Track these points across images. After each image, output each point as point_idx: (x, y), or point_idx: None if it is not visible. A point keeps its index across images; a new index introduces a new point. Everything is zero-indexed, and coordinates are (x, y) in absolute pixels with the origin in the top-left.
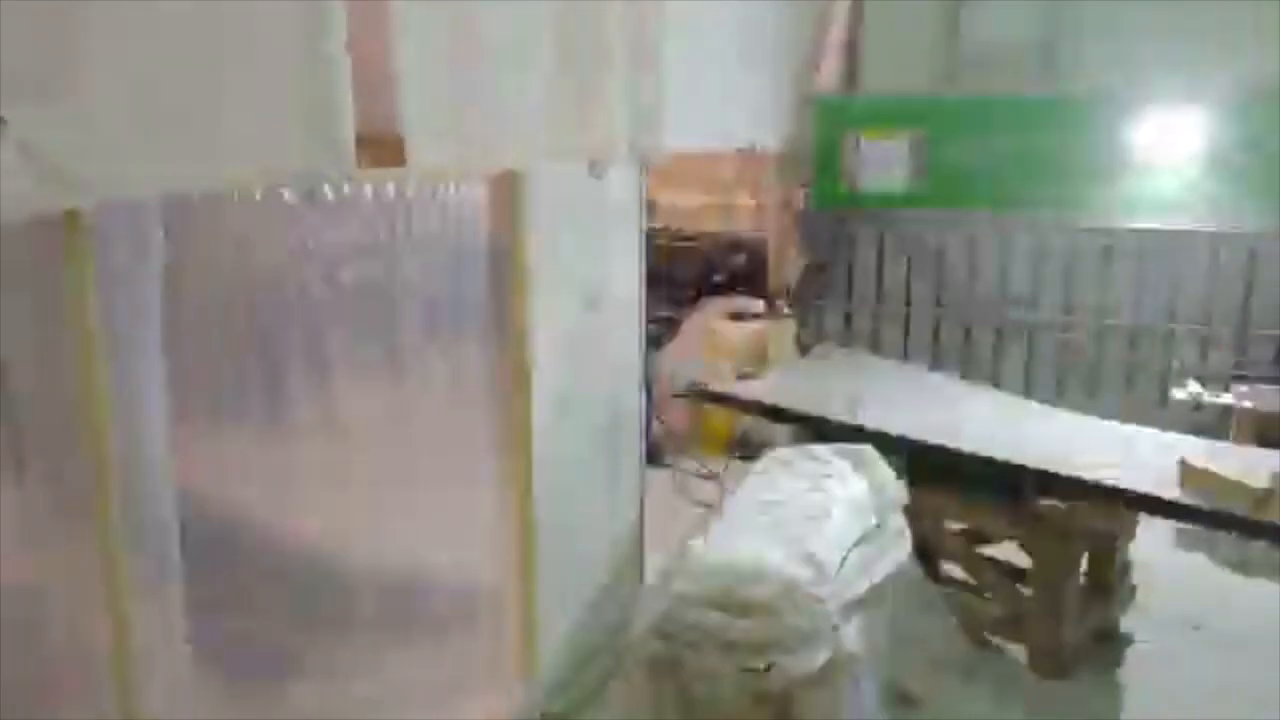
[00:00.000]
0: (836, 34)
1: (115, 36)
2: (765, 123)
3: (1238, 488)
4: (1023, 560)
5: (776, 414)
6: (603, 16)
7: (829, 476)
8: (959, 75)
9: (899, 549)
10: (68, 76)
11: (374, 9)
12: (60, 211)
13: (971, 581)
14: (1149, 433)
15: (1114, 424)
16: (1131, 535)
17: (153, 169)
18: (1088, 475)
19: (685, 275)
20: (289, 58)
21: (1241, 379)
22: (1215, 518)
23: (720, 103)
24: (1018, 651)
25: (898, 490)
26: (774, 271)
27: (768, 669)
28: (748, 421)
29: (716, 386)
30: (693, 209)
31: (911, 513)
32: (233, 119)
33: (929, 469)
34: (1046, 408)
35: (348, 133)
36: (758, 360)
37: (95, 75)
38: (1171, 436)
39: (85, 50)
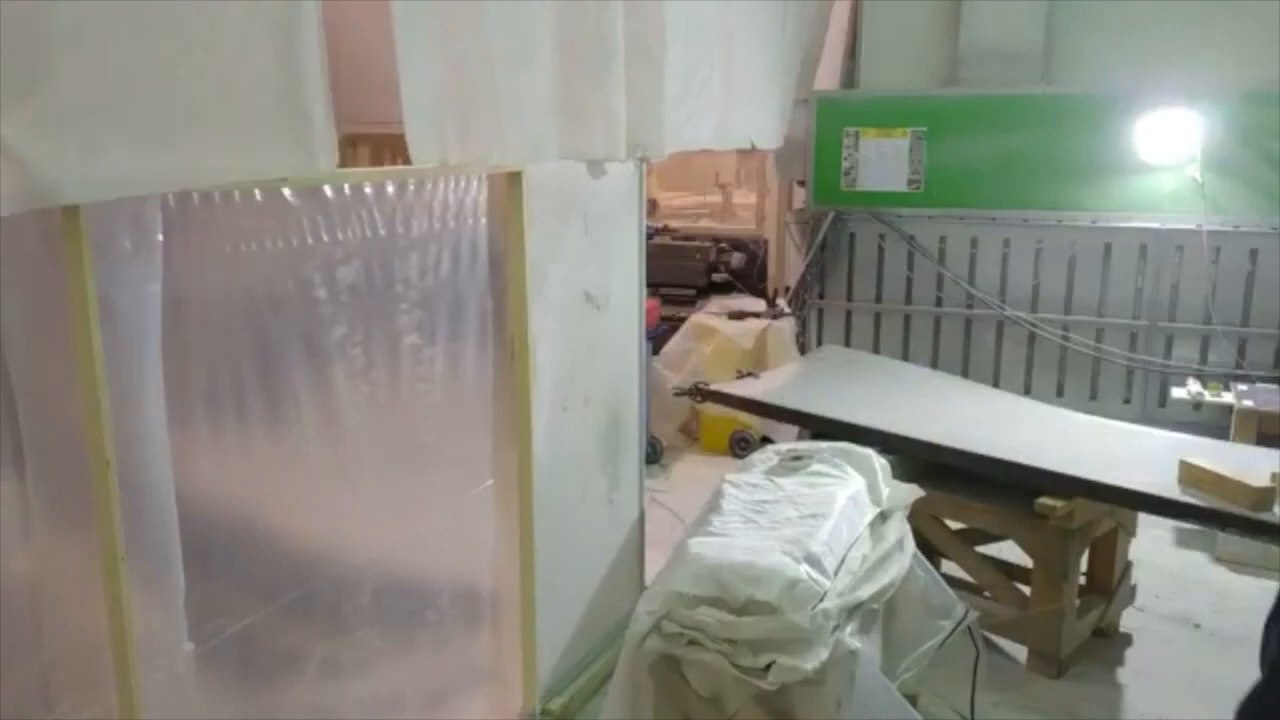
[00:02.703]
0: (836, 33)
1: (91, 35)
2: (765, 122)
3: (1237, 486)
4: (1023, 560)
5: (776, 413)
6: (603, 16)
7: (829, 475)
8: (959, 74)
9: (900, 548)
10: (42, 75)
11: (376, 9)
12: (59, 210)
13: (971, 581)
14: (1149, 432)
15: (1114, 423)
16: (1131, 535)
17: (131, 170)
18: (1088, 475)
19: (685, 275)
20: (262, 55)
21: (1241, 379)
22: (1215, 517)
23: (720, 103)
24: (1018, 651)
25: (899, 489)
26: (774, 271)
27: (767, 668)
28: (747, 421)
29: (716, 386)
30: (692, 209)
31: (911, 512)
32: (210, 118)
33: (929, 468)
34: (1046, 407)
35: (327, 129)
36: (758, 360)
37: (70, 74)
38: (1171, 436)
39: (60, 49)
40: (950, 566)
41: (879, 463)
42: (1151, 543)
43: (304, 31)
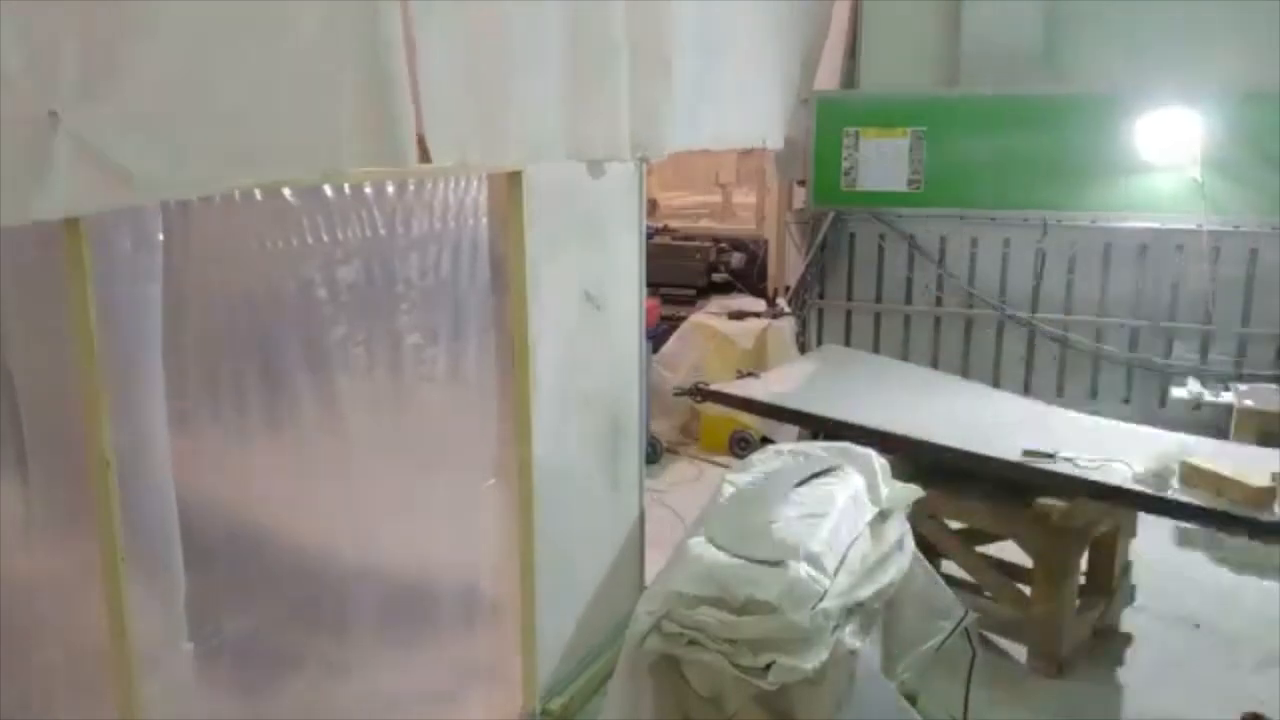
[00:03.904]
0: (836, 33)
1: (169, 34)
2: (766, 122)
3: (1238, 486)
4: (1023, 560)
5: (776, 413)
6: (609, 17)
7: (828, 475)
8: (959, 74)
9: (899, 548)
10: (122, 73)
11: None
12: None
13: (971, 581)
14: (1149, 431)
15: (1114, 422)
16: (1131, 535)
17: (208, 168)
18: (1088, 474)
19: (685, 275)
20: (346, 56)
21: (1241, 378)
22: (1215, 516)
23: (722, 103)
24: (1018, 651)
25: (899, 489)
26: (774, 271)
27: (767, 668)
28: (747, 421)
29: (716, 386)
30: (692, 209)
31: (911, 512)
32: (288, 118)
33: (929, 468)
34: (1046, 406)
35: (408, 130)
36: (758, 360)
37: (149, 73)
38: (1171, 435)
39: (139, 47)
40: (950, 566)
41: (879, 463)
42: (1151, 543)
43: (388, 27)
